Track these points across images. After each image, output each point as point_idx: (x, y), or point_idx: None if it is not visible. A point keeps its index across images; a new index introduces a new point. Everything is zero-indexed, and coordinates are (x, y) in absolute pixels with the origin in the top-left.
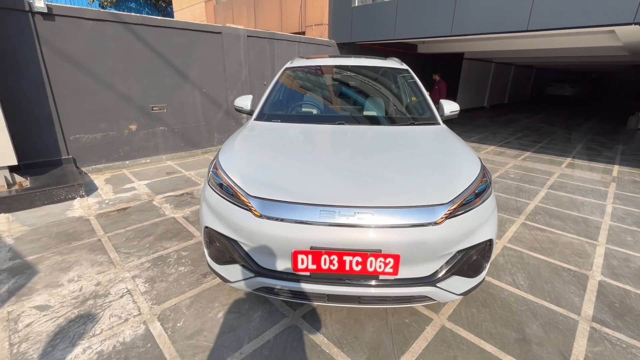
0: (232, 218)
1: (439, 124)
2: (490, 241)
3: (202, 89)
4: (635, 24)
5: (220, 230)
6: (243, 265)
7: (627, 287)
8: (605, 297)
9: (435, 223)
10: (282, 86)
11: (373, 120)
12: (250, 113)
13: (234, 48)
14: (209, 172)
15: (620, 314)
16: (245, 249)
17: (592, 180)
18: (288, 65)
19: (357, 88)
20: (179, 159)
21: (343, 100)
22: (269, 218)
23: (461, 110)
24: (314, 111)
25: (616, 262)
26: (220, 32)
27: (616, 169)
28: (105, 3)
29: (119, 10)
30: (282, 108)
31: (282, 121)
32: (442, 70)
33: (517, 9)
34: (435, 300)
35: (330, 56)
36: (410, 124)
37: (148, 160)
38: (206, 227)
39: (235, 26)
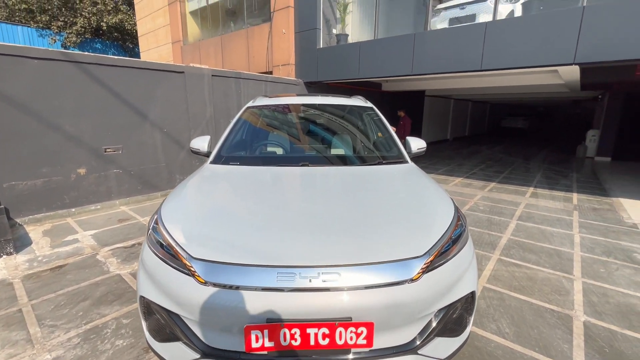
0: (171, 286)
1: (407, 162)
2: (472, 293)
3: (163, 128)
4: (575, 64)
5: (158, 302)
6: (186, 344)
7: (613, 327)
8: (593, 342)
9: (412, 280)
10: (242, 126)
11: (339, 161)
12: (207, 155)
13: (198, 87)
14: (148, 227)
15: None
16: (189, 323)
17: (556, 209)
18: (250, 104)
19: (321, 127)
20: (134, 203)
21: (307, 140)
22: (215, 285)
23: (427, 144)
24: (276, 152)
25: (596, 299)
26: (182, 72)
27: (575, 196)
28: (68, 44)
29: (84, 52)
30: (241, 149)
31: (240, 163)
32: (406, 107)
33: (470, 51)
34: None
35: (295, 95)
36: (378, 163)
37: (98, 207)
38: (141, 296)
39: (199, 66)
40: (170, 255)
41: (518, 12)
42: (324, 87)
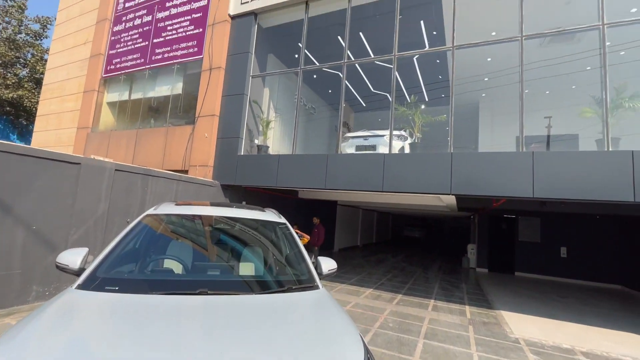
0: None
1: (317, 287)
2: None
3: (31, 225)
4: (451, 194)
5: None
6: None
7: None
8: None
9: None
10: (134, 238)
11: (243, 286)
12: (79, 274)
13: (95, 181)
14: None
15: None
16: None
17: (455, 324)
18: (150, 211)
19: (229, 244)
20: None
21: (208, 257)
22: None
23: (339, 249)
24: (173, 271)
25: None
26: (79, 163)
27: (468, 310)
28: None
29: None
30: (127, 268)
31: (120, 290)
32: (320, 214)
33: (373, 174)
34: None
35: (205, 203)
36: (286, 290)
37: None
38: None
39: (101, 158)
40: None
41: (407, 149)
42: (241, 191)
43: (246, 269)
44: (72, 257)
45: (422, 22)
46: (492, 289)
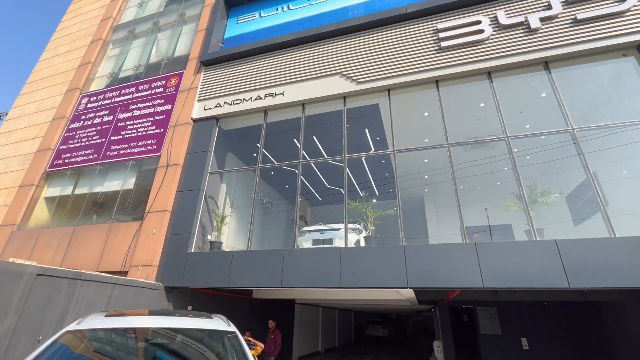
0: None
1: None
2: None
3: None
4: (409, 287)
5: None
6: None
7: None
8: None
9: None
10: None
11: None
12: None
13: (7, 290)
14: None
15: None
16: None
17: None
18: (71, 327)
19: None
20: None
21: None
22: None
23: (298, 357)
24: None
25: None
26: None
27: None
28: None
29: None
30: None
31: None
32: (277, 315)
33: (331, 269)
34: None
35: (142, 312)
36: None
37: None
38: None
39: (21, 262)
40: None
41: (362, 242)
42: (187, 293)
43: None
44: None
45: (366, 129)
46: None
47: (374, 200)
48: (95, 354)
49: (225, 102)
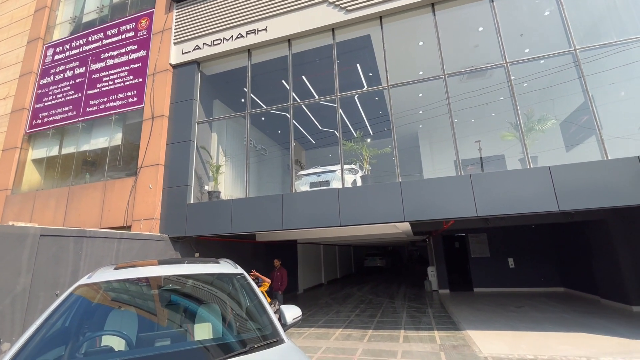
0: None
1: (283, 341)
2: None
3: None
4: (405, 221)
5: None
6: None
7: None
8: None
9: None
10: (62, 316)
11: (196, 357)
12: None
13: (14, 252)
14: None
15: None
16: None
17: (427, 353)
18: (83, 280)
19: (179, 308)
20: None
21: (158, 330)
22: None
23: (304, 290)
24: (110, 352)
25: None
26: None
27: (437, 335)
28: None
29: None
30: (52, 356)
31: None
32: (281, 255)
33: (330, 210)
34: None
35: (152, 262)
36: (248, 350)
37: None
38: None
39: (22, 224)
40: None
41: (359, 182)
42: (192, 242)
43: (202, 331)
44: None
45: (358, 65)
46: (456, 309)
47: (369, 140)
48: (113, 302)
49: (204, 43)
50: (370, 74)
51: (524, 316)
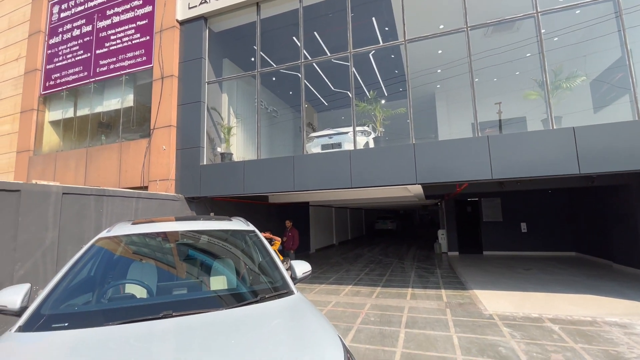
0: None
1: (292, 292)
2: None
3: None
4: (417, 183)
5: None
6: None
7: None
8: None
9: None
10: (86, 264)
11: (212, 302)
12: (20, 314)
13: (40, 208)
14: None
15: None
16: None
17: (433, 309)
18: (103, 234)
19: (195, 261)
20: None
21: (174, 276)
22: None
23: (315, 250)
24: (132, 299)
25: None
26: (18, 190)
27: (444, 293)
28: None
29: None
30: (80, 299)
31: (70, 325)
32: (293, 217)
33: (341, 172)
34: None
35: (168, 219)
36: (259, 300)
37: None
38: None
39: (44, 182)
40: None
41: (372, 144)
42: (207, 202)
43: (217, 283)
44: (10, 297)
45: (373, 18)
46: (464, 270)
47: (383, 101)
48: (132, 254)
49: None
50: (387, 29)
51: (533, 278)
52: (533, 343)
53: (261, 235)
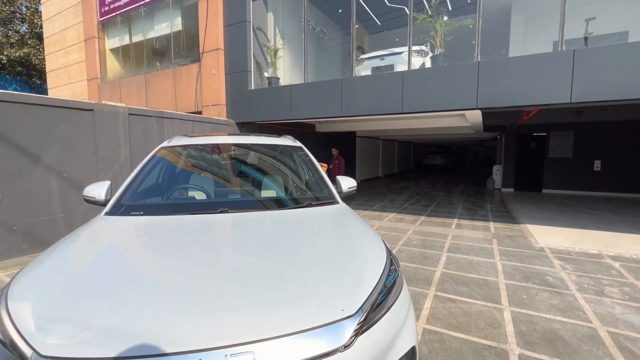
0: None
1: (337, 202)
2: (413, 348)
3: (62, 173)
4: (478, 109)
5: None
6: None
7: (544, 358)
8: None
9: (344, 346)
10: (152, 168)
11: (263, 204)
12: (105, 204)
13: (111, 127)
14: None
15: None
16: None
17: (478, 238)
18: (165, 143)
19: (246, 168)
20: (15, 266)
21: (229, 182)
22: None
23: (361, 181)
24: (192, 196)
25: (525, 328)
26: (92, 109)
27: (492, 225)
28: None
29: None
30: (148, 195)
31: (144, 213)
32: (339, 147)
33: (392, 96)
34: None
35: (220, 134)
36: (306, 205)
37: None
38: None
39: (112, 103)
40: (11, 354)
41: (428, 64)
42: (257, 128)
43: (266, 190)
44: (97, 190)
45: None
46: (518, 206)
47: (445, 18)
48: (188, 163)
49: None
50: None
51: (597, 218)
52: (586, 276)
53: (308, 151)
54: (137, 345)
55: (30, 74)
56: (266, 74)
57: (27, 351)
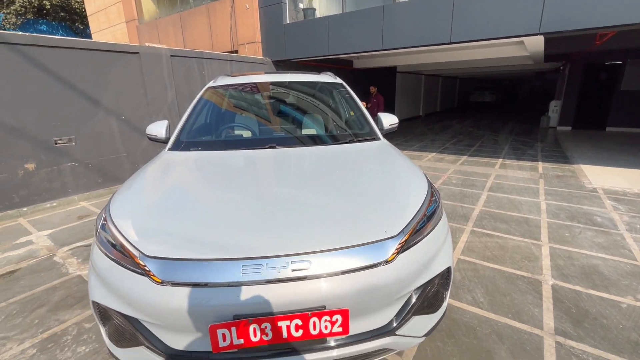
0: (125, 289)
1: (379, 139)
2: (448, 269)
3: (120, 115)
4: (540, 34)
5: (112, 306)
6: (149, 348)
7: (578, 288)
8: (561, 304)
9: (387, 261)
10: (202, 108)
11: (309, 141)
12: (166, 142)
13: (156, 69)
14: (97, 226)
15: (578, 320)
16: (150, 327)
17: (524, 178)
18: (210, 84)
19: (289, 105)
20: (95, 197)
21: (275, 121)
22: (173, 284)
23: (400, 120)
24: (241, 134)
25: (562, 262)
26: (137, 52)
27: (540, 165)
28: (7, 26)
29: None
30: (202, 133)
31: (202, 149)
32: (379, 84)
33: (439, 23)
34: (397, 349)
35: (260, 72)
36: (349, 141)
37: (54, 204)
38: (94, 302)
39: (155, 45)
40: (122, 254)
41: None
42: (293, 66)
43: (309, 127)
44: (158, 128)
45: None
46: (573, 145)
47: None
48: (234, 102)
49: None
50: None
51: None
52: None
53: (348, 88)
54: (219, 251)
55: (73, 19)
56: (301, 5)
57: (135, 252)
